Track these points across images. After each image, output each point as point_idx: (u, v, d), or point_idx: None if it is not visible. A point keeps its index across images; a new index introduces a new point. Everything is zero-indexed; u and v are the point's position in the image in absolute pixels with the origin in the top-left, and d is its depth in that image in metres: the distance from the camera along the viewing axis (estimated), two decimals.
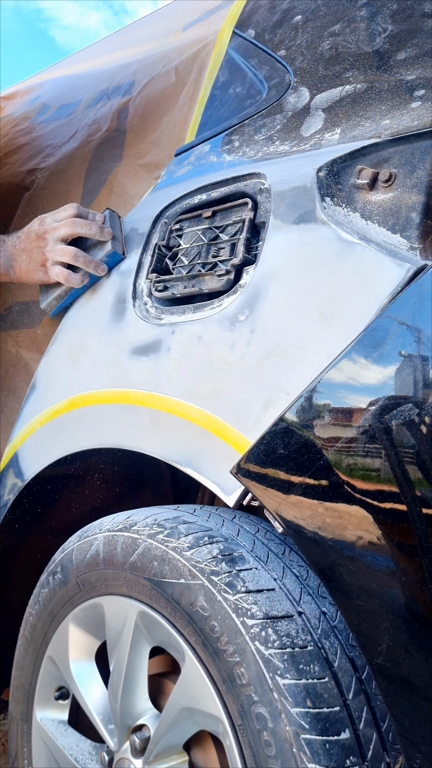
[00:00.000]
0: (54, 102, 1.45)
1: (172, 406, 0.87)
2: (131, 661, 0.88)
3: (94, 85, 1.37)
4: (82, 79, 1.45)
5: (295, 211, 0.77)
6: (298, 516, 0.68)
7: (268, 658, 0.68)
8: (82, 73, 1.48)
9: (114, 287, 1.03)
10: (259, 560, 0.80)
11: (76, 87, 1.42)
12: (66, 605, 1.00)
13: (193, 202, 0.95)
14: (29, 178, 1.37)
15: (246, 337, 0.78)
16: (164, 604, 0.81)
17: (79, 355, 1.07)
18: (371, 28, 0.81)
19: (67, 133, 1.35)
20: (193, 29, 1.18)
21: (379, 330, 0.63)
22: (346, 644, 0.73)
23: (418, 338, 0.61)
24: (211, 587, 0.75)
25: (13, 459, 1.18)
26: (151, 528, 0.88)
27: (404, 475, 0.59)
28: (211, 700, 0.74)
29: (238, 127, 0.95)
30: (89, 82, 1.40)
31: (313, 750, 0.64)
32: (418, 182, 0.68)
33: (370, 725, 0.68)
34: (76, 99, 1.39)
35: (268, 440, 0.71)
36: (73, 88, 1.43)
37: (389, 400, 0.61)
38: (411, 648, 0.60)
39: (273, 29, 0.96)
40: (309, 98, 0.85)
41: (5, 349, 1.30)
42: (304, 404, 0.68)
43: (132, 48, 1.38)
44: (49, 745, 1.03)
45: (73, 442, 1.05)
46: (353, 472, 0.63)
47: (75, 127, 1.34)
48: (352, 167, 0.74)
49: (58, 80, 1.53)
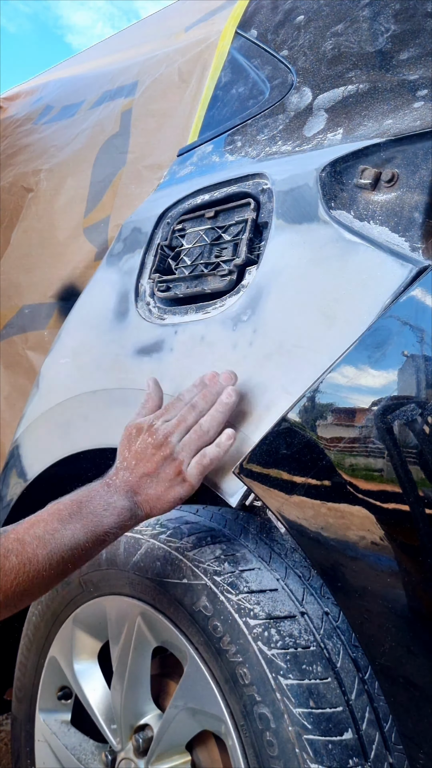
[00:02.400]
0: (57, 103, 1.45)
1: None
2: (134, 661, 0.88)
3: (98, 85, 1.37)
4: (85, 80, 1.45)
5: (297, 211, 0.77)
6: (300, 516, 0.67)
7: (270, 659, 0.68)
8: (86, 73, 1.48)
9: (117, 287, 1.03)
10: (262, 560, 0.80)
11: (79, 88, 1.43)
12: (69, 605, 1.00)
13: (195, 202, 0.95)
14: (33, 179, 1.37)
15: (248, 337, 0.78)
16: (167, 605, 0.81)
17: (82, 355, 1.07)
18: (374, 28, 0.81)
19: (71, 135, 1.35)
20: (195, 30, 1.18)
21: (381, 330, 0.63)
22: (348, 645, 0.73)
23: (421, 338, 0.60)
24: (213, 587, 0.75)
25: (16, 458, 1.18)
26: (153, 528, 0.88)
27: (407, 475, 0.59)
28: (213, 701, 0.74)
29: (241, 127, 0.95)
30: (92, 82, 1.40)
31: (315, 750, 0.64)
32: (421, 182, 0.68)
33: (372, 726, 0.68)
34: (79, 100, 1.40)
35: (270, 440, 0.71)
36: (76, 89, 1.43)
37: (392, 401, 0.61)
38: (413, 648, 0.60)
39: (275, 29, 0.96)
40: (311, 98, 0.85)
41: (15, 352, 1.30)
42: (307, 404, 0.68)
43: (135, 48, 1.39)
44: (52, 744, 1.03)
45: (75, 441, 1.05)
46: (356, 473, 0.63)
47: (78, 129, 1.34)
48: (355, 167, 0.74)
49: (61, 81, 1.53)
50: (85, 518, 0.70)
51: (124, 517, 0.73)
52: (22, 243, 1.35)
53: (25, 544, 0.66)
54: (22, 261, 1.34)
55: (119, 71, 1.33)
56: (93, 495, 0.73)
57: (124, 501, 0.73)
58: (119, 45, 1.50)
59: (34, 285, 1.29)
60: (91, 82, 1.41)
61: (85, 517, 0.70)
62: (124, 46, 1.47)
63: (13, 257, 1.36)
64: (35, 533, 0.67)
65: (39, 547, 0.66)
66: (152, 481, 0.76)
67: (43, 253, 1.29)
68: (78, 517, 0.70)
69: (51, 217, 1.29)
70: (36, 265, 1.30)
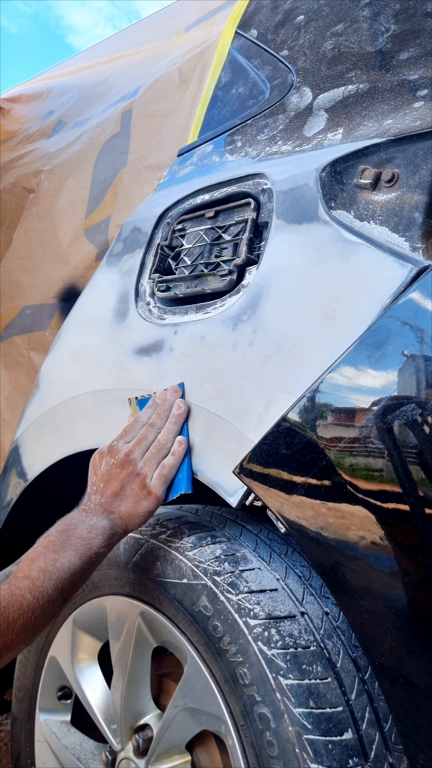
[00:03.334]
0: (70, 119, 1.44)
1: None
2: (134, 661, 0.88)
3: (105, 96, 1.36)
4: (93, 90, 1.43)
5: (297, 211, 0.77)
6: (300, 516, 0.67)
7: (270, 659, 0.68)
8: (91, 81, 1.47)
9: (117, 287, 1.03)
10: (262, 560, 0.80)
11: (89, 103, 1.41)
12: (69, 605, 1.00)
13: (195, 202, 0.95)
14: (34, 180, 1.37)
15: (248, 337, 0.78)
16: (167, 605, 0.81)
17: (82, 355, 1.07)
18: (374, 28, 0.81)
19: (72, 136, 1.35)
20: (195, 30, 1.18)
21: (381, 330, 0.63)
22: (348, 644, 0.73)
23: (421, 338, 0.60)
24: (213, 587, 0.75)
25: (15, 458, 1.18)
26: (153, 528, 0.88)
27: (407, 475, 0.59)
28: (213, 700, 0.74)
29: (241, 127, 0.95)
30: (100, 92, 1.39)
31: (315, 750, 0.64)
32: (421, 182, 0.68)
33: (372, 726, 0.68)
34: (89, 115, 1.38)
35: (270, 440, 0.71)
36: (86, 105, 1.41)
37: (392, 400, 0.61)
38: (413, 648, 0.60)
39: (275, 29, 0.96)
40: (311, 98, 0.85)
41: (17, 352, 1.30)
42: (307, 404, 0.68)
43: (135, 49, 1.39)
44: (52, 744, 1.03)
45: (75, 442, 1.05)
46: (356, 473, 0.63)
47: (80, 130, 1.34)
48: (355, 167, 0.74)
49: (70, 92, 1.51)
50: (76, 544, 0.74)
51: (107, 536, 0.77)
52: (24, 244, 1.35)
53: (33, 579, 0.69)
54: (23, 262, 1.34)
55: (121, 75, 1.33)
56: (75, 522, 0.77)
57: (103, 521, 0.78)
58: (120, 45, 1.50)
59: (35, 285, 1.29)
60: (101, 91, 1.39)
61: (75, 543, 0.74)
62: (124, 46, 1.47)
63: (15, 258, 1.36)
64: (39, 567, 0.71)
65: (46, 580, 0.70)
66: (121, 499, 0.81)
67: (44, 254, 1.29)
68: (69, 545, 0.74)
69: (52, 218, 1.29)
70: (37, 265, 1.30)
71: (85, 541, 0.75)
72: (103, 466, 0.83)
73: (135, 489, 0.81)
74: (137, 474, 0.81)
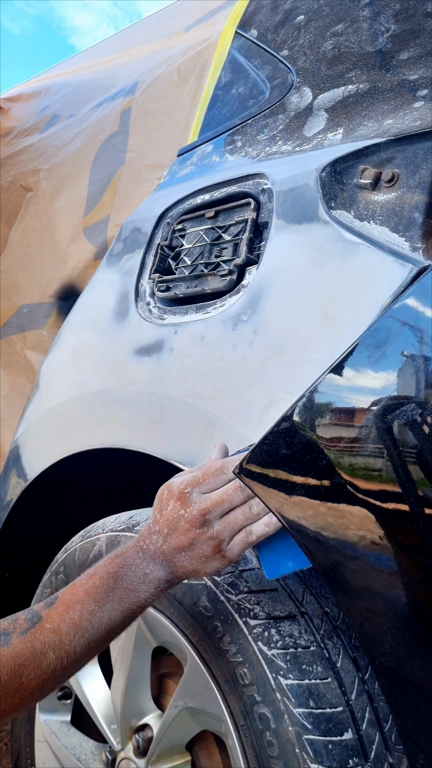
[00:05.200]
0: (64, 112, 1.44)
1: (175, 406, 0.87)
2: (134, 661, 0.88)
3: (101, 91, 1.36)
4: (90, 87, 1.44)
5: (297, 211, 0.77)
6: (300, 516, 0.67)
7: (270, 659, 0.68)
8: (89, 77, 1.48)
9: (117, 287, 1.03)
10: None
11: (87, 97, 1.41)
12: None
13: (195, 202, 0.95)
14: (32, 179, 1.37)
15: (248, 337, 0.78)
16: (167, 605, 0.81)
17: (82, 355, 1.07)
18: (374, 28, 0.81)
19: (70, 134, 1.35)
20: (195, 29, 1.18)
21: (381, 330, 0.63)
22: (348, 645, 0.73)
23: (421, 338, 0.60)
24: (213, 587, 0.75)
25: (15, 458, 1.18)
26: None
27: (407, 475, 0.59)
28: (213, 701, 0.74)
29: (241, 127, 0.95)
30: (97, 87, 1.39)
31: (315, 750, 0.64)
32: (421, 182, 0.68)
33: (372, 726, 0.68)
34: (85, 110, 1.39)
35: (270, 440, 0.71)
36: (83, 98, 1.42)
37: (392, 400, 0.61)
38: (413, 648, 0.60)
39: (276, 29, 0.96)
40: (312, 98, 0.85)
41: (14, 351, 1.30)
42: (307, 404, 0.68)
43: (135, 48, 1.38)
44: (52, 744, 1.03)
45: (75, 441, 1.05)
46: (356, 473, 0.63)
47: (78, 128, 1.34)
48: (355, 167, 0.74)
49: (66, 86, 1.52)
50: (122, 594, 0.65)
51: (160, 588, 0.67)
52: (22, 242, 1.35)
53: (61, 635, 0.60)
54: (21, 260, 1.34)
55: (119, 73, 1.33)
56: (128, 563, 0.67)
57: (160, 572, 0.67)
58: (120, 45, 1.50)
59: (33, 284, 1.29)
60: (96, 86, 1.40)
61: (121, 593, 0.65)
62: (124, 45, 1.47)
63: (12, 256, 1.36)
64: (72, 620, 0.61)
65: (76, 637, 0.61)
66: (187, 554, 0.68)
67: (42, 253, 1.29)
68: (114, 595, 0.64)
69: (50, 217, 1.29)
70: (35, 264, 1.30)
71: (134, 592, 0.65)
72: (169, 510, 0.68)
73: (207, 552, 0.67)
74: (212, 537, 0.67)
